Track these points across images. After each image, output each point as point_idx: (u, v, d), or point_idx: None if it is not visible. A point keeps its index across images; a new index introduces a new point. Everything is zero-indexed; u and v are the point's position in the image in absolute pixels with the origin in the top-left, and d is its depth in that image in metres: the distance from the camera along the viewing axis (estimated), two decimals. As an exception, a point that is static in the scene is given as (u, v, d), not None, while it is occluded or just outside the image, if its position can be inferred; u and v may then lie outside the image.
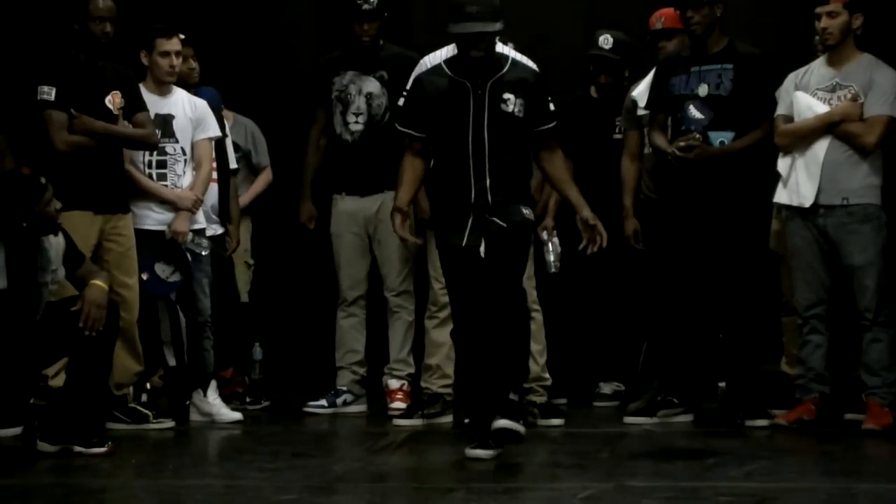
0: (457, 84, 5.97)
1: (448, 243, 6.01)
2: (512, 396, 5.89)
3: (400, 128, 6.16)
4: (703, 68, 6.83)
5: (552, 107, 6.08)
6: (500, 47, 6.11)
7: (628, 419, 6.95)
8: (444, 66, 6.06)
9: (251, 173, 8.08)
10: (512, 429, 5.86)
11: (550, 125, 6.06)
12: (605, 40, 7.47)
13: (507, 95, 5.97)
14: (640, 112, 7.16)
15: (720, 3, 6.81)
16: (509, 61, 6.04)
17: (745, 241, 6.80)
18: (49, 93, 6.66)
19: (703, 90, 6.81)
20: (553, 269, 6.34)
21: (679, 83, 6.86)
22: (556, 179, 6.14)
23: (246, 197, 7.95)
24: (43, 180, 6.10)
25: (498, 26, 5.91)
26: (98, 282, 6.12)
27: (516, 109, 5.97)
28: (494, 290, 5.90)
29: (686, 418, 6.94)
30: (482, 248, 5.94)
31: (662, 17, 7.31)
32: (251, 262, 8.07)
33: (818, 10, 6.73)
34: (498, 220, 5.95)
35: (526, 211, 6.01)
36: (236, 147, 7.89)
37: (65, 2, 6.84)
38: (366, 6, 7.31)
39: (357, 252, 7.42)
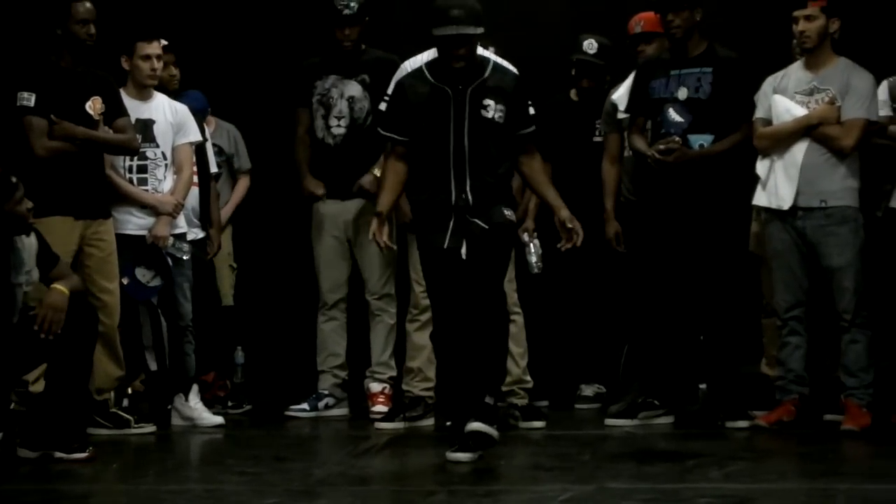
0: (437, 89, 5.98)
1: (430, 245, 6.02)
2: (487, 400, 5.89)
3: (382, 132, 6.16)
4: (683, 72, 6.85)
5: (532, 111, 6.09)
6: (482, 51, 6.12)
7: (609, 421, 6.96)
8: (425, 70, 6.06)
9: (233, 177, 8.08)
10: (484, 432, 5.86)
11: (530, 130, 6.07)
12: (590, 45, 7.48)
13: (487, 101, 5.98)
14: (620, 115, 7.18)
15: (700, 7, 6.84)
16: (490, 66, 6.04)
17: (724, 243, 6.82)
18: (29, 99, 6.65)
19: (682, 93, 6.83)
20: (536, 270, 6.37)
21: (659, 86, 6.88)
22: (533, 182, 6.15)
23: (228, 207, 7.96)
24: (13, 179, 6.05)
25: (479, 30, 5.93)
26: (58, 286, 6.05)
27: (497, 115, 5.98)
28: (475, 292, 5.91)
29: (667, 420, 6.96)
30: (463, 250, 5.96)
31: (642, 21, 7.32)
32: (235, 265, 8.08)
33: (796, 13, 6.76)
34: (479, 222, 5.96)
35: (507, 212, 6.02)
36: (220, 151, 7.89)
37: (45, 7, 6.82)
38: (347, 11, 7.32)
39: (337, 255, 7.42)
